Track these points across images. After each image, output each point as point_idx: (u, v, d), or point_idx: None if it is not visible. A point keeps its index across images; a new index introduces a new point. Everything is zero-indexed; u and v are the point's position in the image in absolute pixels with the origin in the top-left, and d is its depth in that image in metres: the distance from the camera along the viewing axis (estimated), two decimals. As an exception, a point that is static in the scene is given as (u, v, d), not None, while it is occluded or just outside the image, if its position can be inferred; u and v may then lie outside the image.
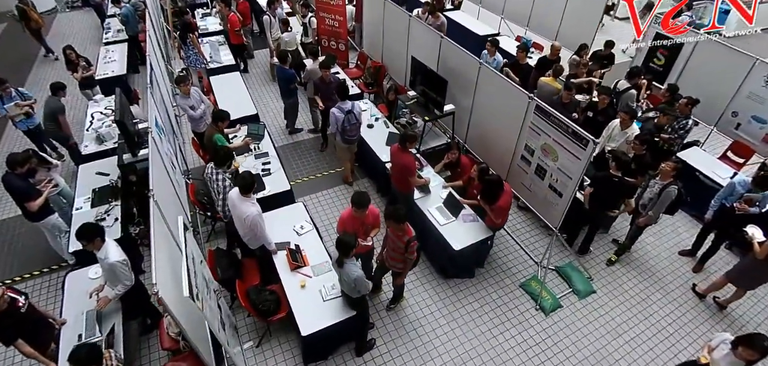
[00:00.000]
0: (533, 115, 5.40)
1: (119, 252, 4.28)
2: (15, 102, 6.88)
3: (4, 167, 5.62)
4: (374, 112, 7.67)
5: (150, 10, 8.45)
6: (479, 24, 11.48)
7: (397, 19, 8.13)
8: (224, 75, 8.76)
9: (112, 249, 4.24)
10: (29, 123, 7.15)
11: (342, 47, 9.60)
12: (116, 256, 4.21)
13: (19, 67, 11.36)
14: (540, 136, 5.39)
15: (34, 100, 7.29)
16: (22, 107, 6.89)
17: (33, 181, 5.69)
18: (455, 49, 6.78)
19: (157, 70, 6.95)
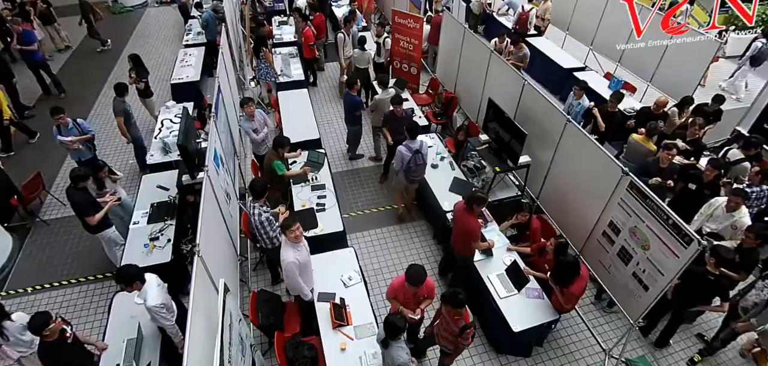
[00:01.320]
0: (626, 191, 4.68)
1: (158, 294, 4.12)
2: (69, 138, 6.56)
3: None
4: (440, 149, 7.17)
5: (228, 21, 8.47)
6: (564, 54, 10.61)
7: (477, 51, 7.57)
8: (292, 91, 8.63)
9: (152, 292, 4.10)
10: (80, 155, 6.76)
11: (414, 71, 9.18)
12: (154, 299, 4.06)
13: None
14: (631, 216, 4.66)
15: (92, 136, 6.90)
16: (73, 143, 6.59)
17: (101, 193, 5.87)
18: (539, 97, 6.12)
19: (226, 87, 6.90)
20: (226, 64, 7.08)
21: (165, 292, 4.32)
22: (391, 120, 6.80)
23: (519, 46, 8.79)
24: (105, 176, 5.93)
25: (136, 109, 8.55)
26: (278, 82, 9.04)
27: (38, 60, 9.95)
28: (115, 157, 8.34)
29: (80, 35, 13.39)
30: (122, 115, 7.07)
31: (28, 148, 8.66)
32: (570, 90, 9.50)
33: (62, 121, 6.40)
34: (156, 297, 4.07)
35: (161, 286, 4.29)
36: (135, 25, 14.17)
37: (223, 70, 6.97)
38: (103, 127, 9.26)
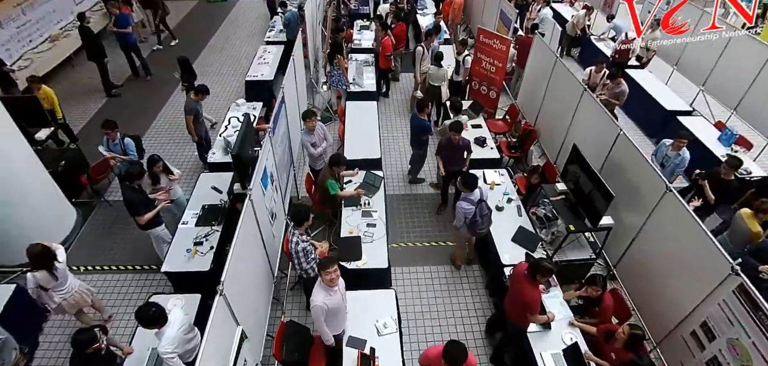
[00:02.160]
0: (732, 293, 3.76)
1: (172, 340, 3.87)
2: (109, 154, 6.47)
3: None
4: (509, 188, 6.44)
5: (307, 22, 8.30)
6: (668, 92, 9.31)
7: (566, 85, 6.72)
8: (362, 103, 8.27)
9: (168, 334, 3.86)
10: (118, 169, 6.71)
11: (493, 95, 8.47)
12: (166, 344, 3.80)
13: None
14: (733, 325, 3.74)
15: (135, 160, 6.52)
16: (113, 159, 6.52)
17: (154, 189, 5.88)
18: (635, 152, 5.20)
19: (291, 96, 6.69)
20: (296, 71, 6.86)
21: (186, 328, 4.08)
22: (447, 147, 6.24)
23: (617, 81, 7.76)
24: (159, 171, 5.90)
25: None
26: (349, 91, 8.75)
27: (130, 43, 10.45)
28: (182, 147, 8.46)
29: (175, 20, 14.06)
30: (192, 113, 7.09)
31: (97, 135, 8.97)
32: (671, 134, 8.35)
33: (111, 135, 6.35)
34: (170, 342, 3.82)
35: (183, 326, 4.04)
36: (226, 15, 14.64)
37: (292, 78, 6.76)
38: (178, 114, 9.52)
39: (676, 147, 6.10)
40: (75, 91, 10.50)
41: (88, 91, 10.42)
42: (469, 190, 5.16)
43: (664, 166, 6.30)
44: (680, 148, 6.10)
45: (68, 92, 10.30)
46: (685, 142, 6.08)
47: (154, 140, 8.75)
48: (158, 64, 11.55)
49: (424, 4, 13.19)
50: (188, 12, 15.07)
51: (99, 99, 10.16)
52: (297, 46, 7.21)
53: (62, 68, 11.16)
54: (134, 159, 6.47)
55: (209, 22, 14.05)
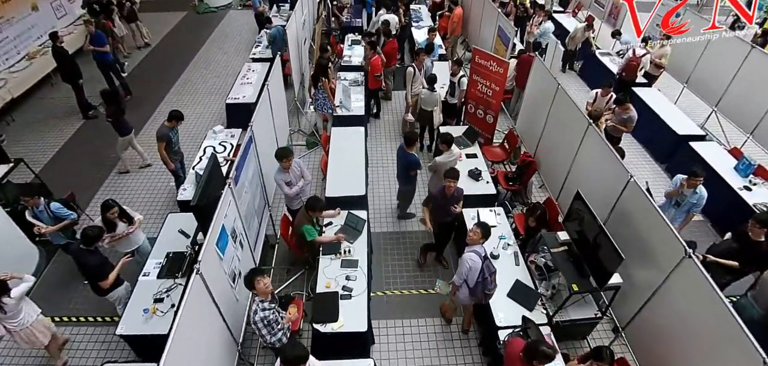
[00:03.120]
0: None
1: None
2: (40, 225, 5.54)
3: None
4: (506, 232, 5.83)
5: (290, 43, 7.72)
6: (679, 114, 8.65)
7: (570, 115, 6.06)
8: (348, 129, 7.67)
9: None
10: (55, 239, 5.82)
11: (490, 119, 7.86)
12: None
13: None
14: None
15: (73, 219, 5.83)
16: (41, 230, 5.54)
17: (112, 238, 5.32)
18: (648, 206, 4.51)
19: (265, 128, 6.13)
20: (271, 100, 6.28)
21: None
22: (440, 199, 5.49)
23: (625, 107, 7.13)
24: (115, 217, 5.32)
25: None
26: (335, 115, 8.16)
27: (108, 62, 9.90)
28: (159, 176, 7.90)
29: (160, 35, 13.55)
30: (164, 140, 6.51)
31: (68, 161, 8.49)
32: (682, 160, 7.75)
33: (30, 203, 5.52)
34: None
35: None
36: (215, 27, 14.10)
37: (266, 108, 6.18)
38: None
39: (691, 184, 5.46)
40: (53, 111, 10.02)
41: (66, 112, 9.90)
42: (484, 237, 4.53)
43: (679, 204, 5.68)
44: (696, 186, 5.45)
45: (45, 113, 9.80)
46: (700, 180, 5.43)
47: (130, 167, 8.19)
48: (141, 80, 11.08)
49: (419, 16, 12.59)
50: (177, 23, 14.55)
51: (76, 121, 9.62)
52: (273, 71, 6.62)
53: (41, 86, 10.68)
54: (72, 218, 5.83)
55: (196, 35, 13.51)
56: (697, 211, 5.69)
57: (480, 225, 4.56)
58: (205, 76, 11.31)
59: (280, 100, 7.06)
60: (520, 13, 11.72)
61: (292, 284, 6.10)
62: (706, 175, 5.50)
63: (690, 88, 9.51)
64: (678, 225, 5.69)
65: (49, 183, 7.10)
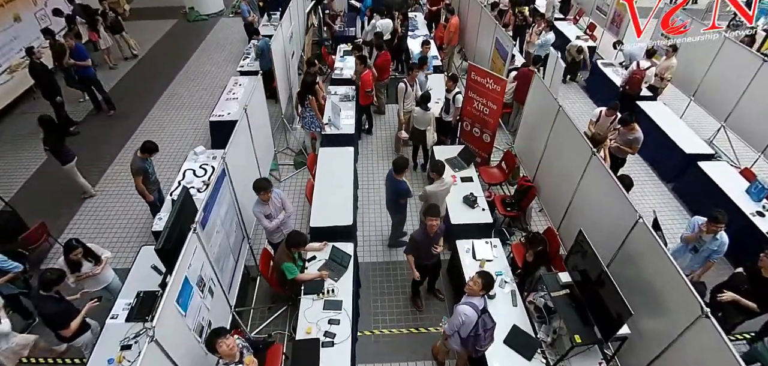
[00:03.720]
0: None
1: None
2: None
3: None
4: (503, 267, 5.40)
5: (275, 59, 7.31)
6: (686, 130, 8.22)
7: (572, 141, 5.60)
8: (336, 150, 7.26)
9: None
10: (8, 289, 5.31)
11: (486, 138, 7.43)
12: None
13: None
14: None
15: (18, 270, 5.34)
16: None
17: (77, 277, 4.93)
18: (658, 250, 4.04)
19: (245, 153, 5.73)
20: (250, 123, 5.87)
21: None
22: (422, 241, 4.96)
23: (630, 127, 6.71)
24: (78, 258, 4.91)
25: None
26: (324, 134, 7.75)
27: (90, 76, 9.49)
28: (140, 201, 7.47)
29: (149, 44, 13.17)
30: (140, 173, 6.12)
31: (46, 183, 8.07)
32: (690, 180, 7.34)
33: None
34: None
35: None
36: (205, 36, 13.69)
37: (246, 129, 5.77)
38: None
39: (712, 229, 4.98)
40: (34, 128, 9.51)
41: (47, 127, 9.48)
42: (486, 289, 4.10)
43: (697, 250, 5.23)
44: (717, 231, 4.99)
45: (27, 128, 9.40)
46: (722, 226, 4.95)
47: (108, 188, 7.79)
48: (126, 93, 10.72)
49: (415, 25, 12.17)
50: (167, 32, 14.15)
51: (57, 138, 9.21)
52: (253, 91, 6.21)
53: (24, 99, 10.31)
54: (17, 271, 5.34)
55: (186, 44, 13.11)
56: (716, 259, 5.23)
57: (482, 275, 4.13)
58: (192, 88, 10.91)
59: (261, 121, 6.64)
60: (520, 22, 11.30)
61: (274, 322, 5.69)
62: (727, 222, 4.96)
63: (697, 101, 9.08)
64: (695, 272, 5.27)
65: (23, 208, 6.73)
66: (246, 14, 11.28)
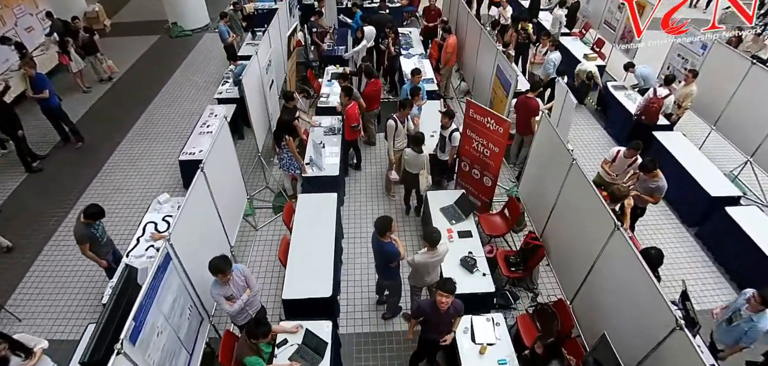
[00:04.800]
0: None
1: None
2: None
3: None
4: (507, 352, 4.56)
5: (246, 92, 6.51)
6: (708, 166, 7.38)
7: (586, 208, 4.71)
8: (318, 196, 6.43)
9: None
10: None
11: (487, 182, 6.59)
12: None
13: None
14: None
15: None
16: None
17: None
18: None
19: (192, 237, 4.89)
20: (209, 183, 5.02)
21: None
22: (431, 313, 4.23)
23: (653, 174, 5.86)
24: (5, 352, 4.12)
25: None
26: (304, 176, 6.93)
27: (53, 107, 8.66)
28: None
29: (127, 63, 12.36)
30: (86, 241, 5.31)
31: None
32: (715, 226, 6.54)
33: None
34: None
35: None
36: (188, 53, 12.85)
37: (204, 189, 4.93)
38: (108, 192, 7.91)
39: (754, 306, 4.16)
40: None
41: (11, 161, 8.67)
42: None
43: (731, 321, 4.42)
44: (759, 309, 4.16)
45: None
46: (764, 304, 4.14)
47: (64, 241, 6.95)
48: (98, 121, 9.97)
49: (409, 42, 11.32)
50: (147, 49, 13.29)
51: (19, 174, 8.39)
52: (216, 138, 5.38)
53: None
54: None
55: (167, 64, 12.26)
56: (747, 345, 4.42)
57: None
58: (169, 115, 10.08)
59: (226, 178, 5.79)
60: (522, 39, 10.45)
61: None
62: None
63: (719, 130, 8.21)
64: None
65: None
66: (225, 36, 10.43)
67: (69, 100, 10.57)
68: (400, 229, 7.04)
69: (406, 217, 7.28)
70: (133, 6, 16.60)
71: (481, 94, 8.73)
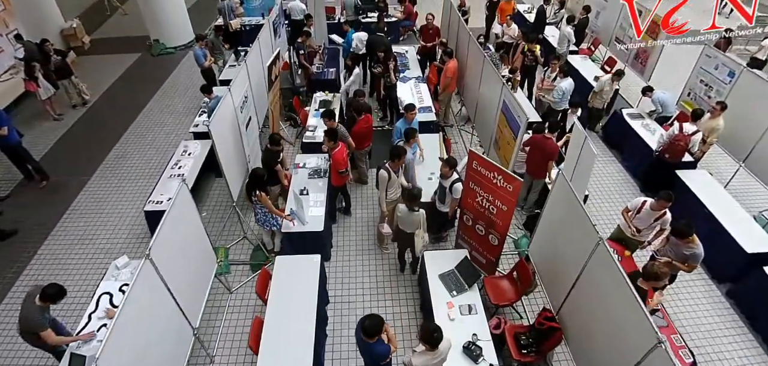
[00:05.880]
0: None
1: None
2: None
3: None
4: None
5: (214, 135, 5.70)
6: (737, 211, 6.58)
7: (615, 298, 3.91)
8: (299, 260, 5.59)
9: None
10: None
11: (494, 240, 5.75)
12: None
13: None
14: None
15: None
16: None
17: None
18: None
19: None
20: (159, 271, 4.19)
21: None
22: None
23: (688, 241, 5.02)
24: None
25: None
26: (284, 232, 6.10)
27: (13, 144, 7.82)
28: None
29: (104, 85, 11.52)
30: (41, 328, 4.50)
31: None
32: (752, 285, 5.73)
33: None
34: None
35: None
36: (168, 76, 11.96)
37: (153, 282, 4.09)
38: (72, 237, 7.12)
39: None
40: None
41: (-30, 203, 7.89)
42: None
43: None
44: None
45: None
46: None
47: (14, 305, 6.12)
48: (67, 152, 9.20)
49: (405, 62, 10.46)
50: (126, 69, 12.42)
51: (-23, 218, 7.59)
52: (170, 211, 4.55)
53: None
54: None
55: (145, 86, 11.38)
56: None
57: None
58: (143, 147, 9.22)
59: (190, 238, 4.97)
60: (529, 62, 9.60)
61: None
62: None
63: (748, 167, 7.38)
64: None
65: None
66: (201, 60, 9.55)
67: (37, 129, 9.82)
68: (394, 291, 6.22)
69: (400, 275, 6.44)
70: (115, 21, 15.73)
71: (483, 126, 7.89)
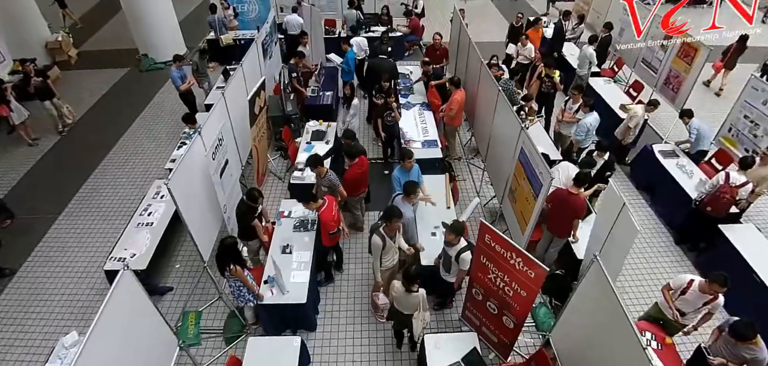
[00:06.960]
0: None
1: None
2: None
3: None
4: None
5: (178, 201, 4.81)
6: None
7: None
8: (273, 341, 4.71)
9: None
10: None
11: (510, 323, 4.76)
12: None
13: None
14: None
15: None
16: None
17: None
18: None
19: None
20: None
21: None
22: None
23: (751, 344, 4.03)
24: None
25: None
26: (262, 304, 5.19)
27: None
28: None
29: (87, 105, 10.72)
30: None
31: None
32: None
33: None
34: None
35: None
36: (154, 94, 11.11)
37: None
38: (36, 287, 6.38)
39: None
40: None
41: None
42: None
43: None
44: None
45: None
46: None
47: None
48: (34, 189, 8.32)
49: (408, 85, 9.51)
50: (112, 86, 11.59)
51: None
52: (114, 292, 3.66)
53: None
54: None
55: (130, 106, 10.54)
56: None
57: None
58: (118, 179, 8.36)
59: (140, 332, 4.08)
60: (546, 89, 8.60)
61: None
62: None
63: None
64: None
65: None
66: (177, 83, 8.64)
67: (9, 157, 9.05)
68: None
69: (398, 351, 5.51)
70: (104, 34, 14.94)
71: (496, 169, 6.91)
